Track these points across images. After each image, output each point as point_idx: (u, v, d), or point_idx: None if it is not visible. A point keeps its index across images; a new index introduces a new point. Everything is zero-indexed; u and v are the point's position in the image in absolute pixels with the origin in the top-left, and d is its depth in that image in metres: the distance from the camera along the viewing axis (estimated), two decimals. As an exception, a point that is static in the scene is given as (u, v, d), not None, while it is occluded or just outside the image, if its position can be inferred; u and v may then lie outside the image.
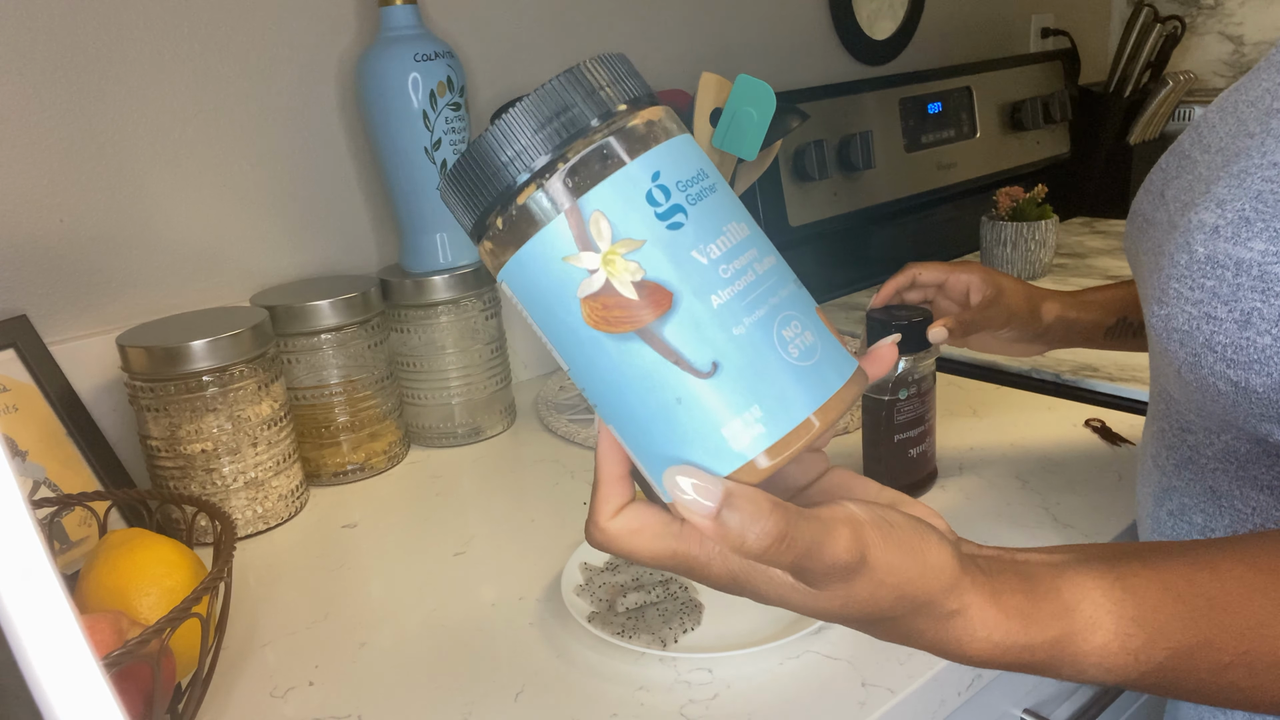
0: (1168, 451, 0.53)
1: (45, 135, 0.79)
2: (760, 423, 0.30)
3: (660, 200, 0.29)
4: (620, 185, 0.29)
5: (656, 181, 0.29)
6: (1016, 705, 0.70)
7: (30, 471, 0.73)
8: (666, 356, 0.29)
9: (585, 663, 0.59)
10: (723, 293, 0.29)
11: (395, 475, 0.89)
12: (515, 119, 0.29)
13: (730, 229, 0.30)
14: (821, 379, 0.31)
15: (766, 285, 0.31)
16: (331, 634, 0.65)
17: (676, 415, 0.30)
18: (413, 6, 0.86)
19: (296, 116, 0.92)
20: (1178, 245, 0.46)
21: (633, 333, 0.29)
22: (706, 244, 0.30)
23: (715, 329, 0.29)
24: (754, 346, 0.30)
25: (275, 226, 0.93)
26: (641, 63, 1.16)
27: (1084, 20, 1.79)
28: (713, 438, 0.30)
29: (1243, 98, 0.49)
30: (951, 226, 1.46)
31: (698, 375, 0.29)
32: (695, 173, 0.30)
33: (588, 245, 0.29)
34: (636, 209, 0.29)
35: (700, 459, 0.30)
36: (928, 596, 0.34)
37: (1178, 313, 0.45)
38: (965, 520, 0.72)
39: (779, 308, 0.31)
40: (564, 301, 0.30)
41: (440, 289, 0.90)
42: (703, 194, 0.30)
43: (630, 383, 0.30)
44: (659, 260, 0.29)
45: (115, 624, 0.51)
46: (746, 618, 0.62)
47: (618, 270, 0.29)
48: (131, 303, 0.85)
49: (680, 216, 0.29)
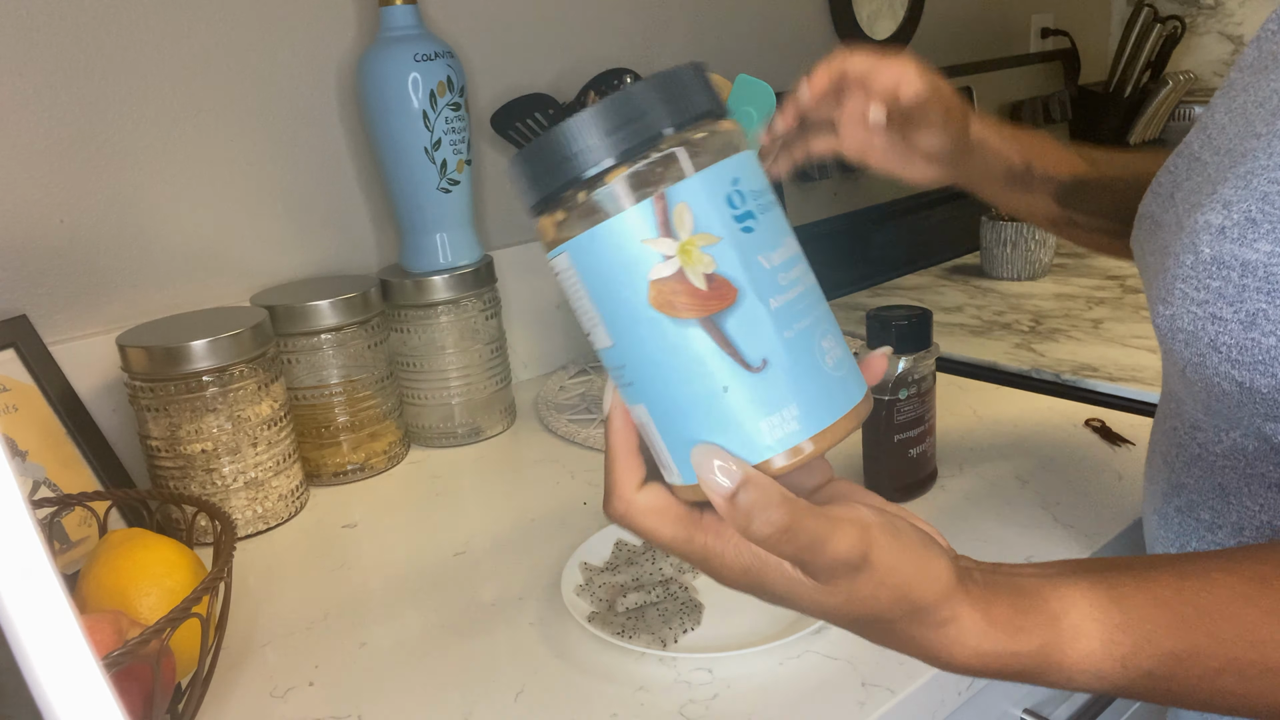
0: (1177, 449, 0.53)
1: (45, 135, 0.79)
2: (795, 420, 0.32)
3: (738, 204, 0.31)
4: (708, 183, 0.31)
5: (736, 186, 0.31)
6: (1016, 705, 0.70)
7: (30, 471, 0.73)
8: (723, 347, 0.31)
9: (585, 663, 0.59)
10: (779, 298, 0.32)
11: (395, 475, 0.89)
12: (623, 101, 0.30)
13: (786, 243, 0.33)
14: (846, 391, 0.33)
15: (811, 299, 0.33)
16: (331, 634, 0.65)
17: (720, 403, 0.32)
18: (413, 6, 0.86)
19: (296, 116, 0.92)
20: (1184, 246, 0.45)
21: (695, 320, 0.31)
22: (769, 252, 0.32)
23: (770, 329, 0.31)
24: (800, 351, 0.32)
25: (275, 226, 0.93)
26: (642, 63, 1.17)
27: (1084, 20, 1.79)
28: (747, 428, 0.32)
29: (1250, 98, 0.49)
30: (951, 226, 1.46)
31: (748, 369, 0.31)
32: (762, 186, 0.33)
33: (669, 232, 0.30)
34: (717, 208, 0.31)
35: (731, 446, 0.32)
36: (924, 602, 0.35)
37: (1182, 313, 0.45)
38: (965, 520, 0.72)
39: (820, 321, 0.33)
40: (632, 281, 0.31)
41: (440, 289, 0.90)
42: (768, 206, 0.32)
43: (680, 366, 0.32)
44: (731, 258, 0.31)
45: (115, 624, 0.51)
46: (746, 618, 0.62)
47: (693, 260, 0.31)
48: (131, 303, 0.85)
49: (752, 222, 0.31)
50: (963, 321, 1.17)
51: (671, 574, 0.66)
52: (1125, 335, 1.08)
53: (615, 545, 0.70)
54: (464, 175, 0.90)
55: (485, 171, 1.05)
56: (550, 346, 1.11)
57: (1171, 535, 0.54)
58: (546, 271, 1.10)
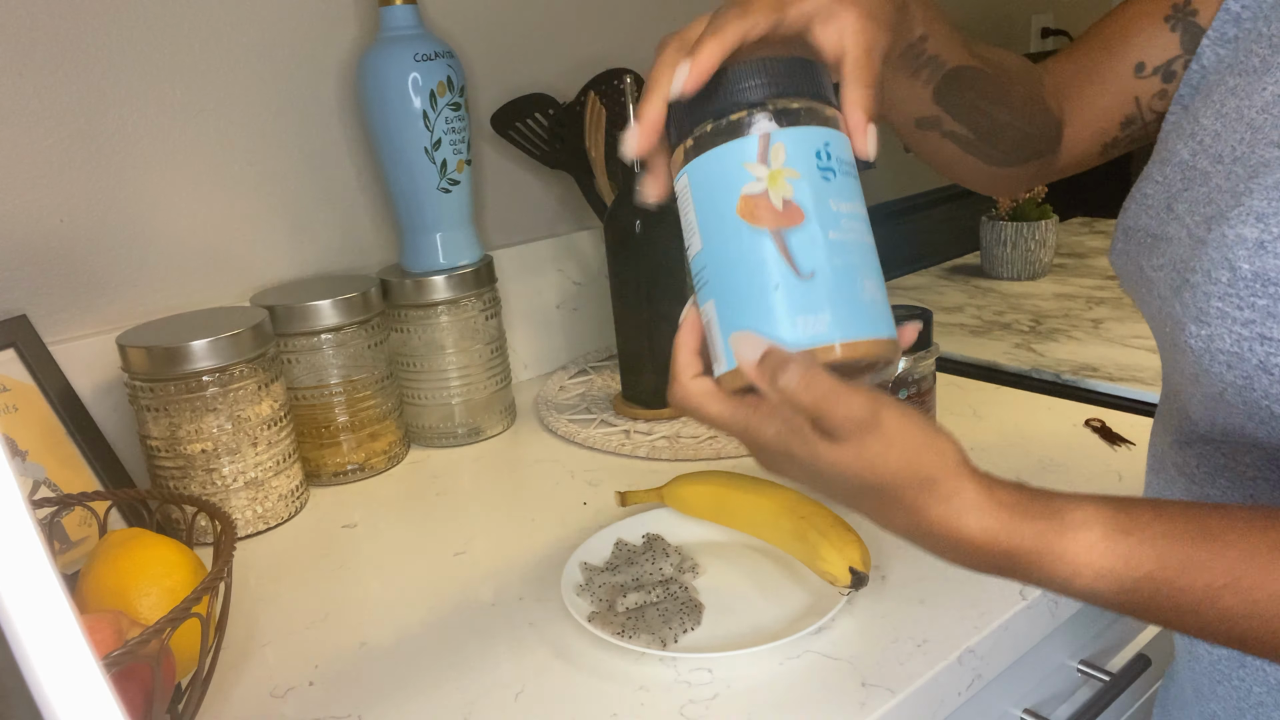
0: (1197, 459, 0.51)
1: (45, 135, 0.79)
2: (826, 325, 0.39)
3: (824, 159, 0.40)
4: (804, 135, 0.40)
5: (826, 147, 0.40)
6: (1016, 705, 0.70)
7: (30, 471, 0.73)
8: (783, 254, 0.39)
9: (585, 663, 0.59)
10: (836, 233, 0.39)
11: (395, 475, 0.89)
12: (768, 66, 0.40)
13: (854, 202, 0.41)
14: (874, 322, 0.40)
15: (863, 248, 0.41)
16: (331, 634, 0.65)
17: (770, 297, 0.39)
18: (413, 6, 0.86)
19: (296, 116, 0.92)
20: (1214, 262, 0.44)
21: (767, 230, 0.39)
22: (839, 200, 0.40)
23: (823, 252, 0.39)
24: (844, 276, 0.39)
25: (275, 226, 0.93)
26: (642, 63, 1.17)
27: (1084, 20, 1.79)
28: (786, 322, 0.39)
29: (1246, 103, 0.47)
30: (951, 226, 1.46)
31: (798, 275, 0.39)
32: (849, 159, 0.41)
33: (764, 161, 0.39)
34: (805, 155, 0.40)
35: (771, 334, 0.39)
36: (930, 472, 0.38)
37: (1224, 333, 0.43)
38: (965, 520, 0.72)
39: (866, 265, 0.41)
40: (729, 194, 0.40)
41: (440, 289, 0.90)
42: (848, 172, 0.41)
43: (748, 265, 0.40)
44: (806, 192, 0.39)
45: (115, 624, 0.51)
46: (746, 618, 0.62)
47: (777, 185, 0.39)
48: (131, 303, 0.85)
49: (830, 175, 0.40)
50: (963, 321, 1.17)
51: (671, 574, 0.66)
52: (1125, 335, 1.08)
53: (615, 545, 0.70)
54: (464, 175, 0.90)
55: (485, 171, 1.05)
56: (550, 346, 1.11)
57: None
58: (547, 271, 1.10)
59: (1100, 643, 0.77)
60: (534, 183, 1.10)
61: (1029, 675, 0.70)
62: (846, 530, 0.63)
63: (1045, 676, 0.72)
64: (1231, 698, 0.54)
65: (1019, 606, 0.61)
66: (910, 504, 0.39)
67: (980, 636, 0.59)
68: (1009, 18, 1.66)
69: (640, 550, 0.69)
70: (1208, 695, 0.56)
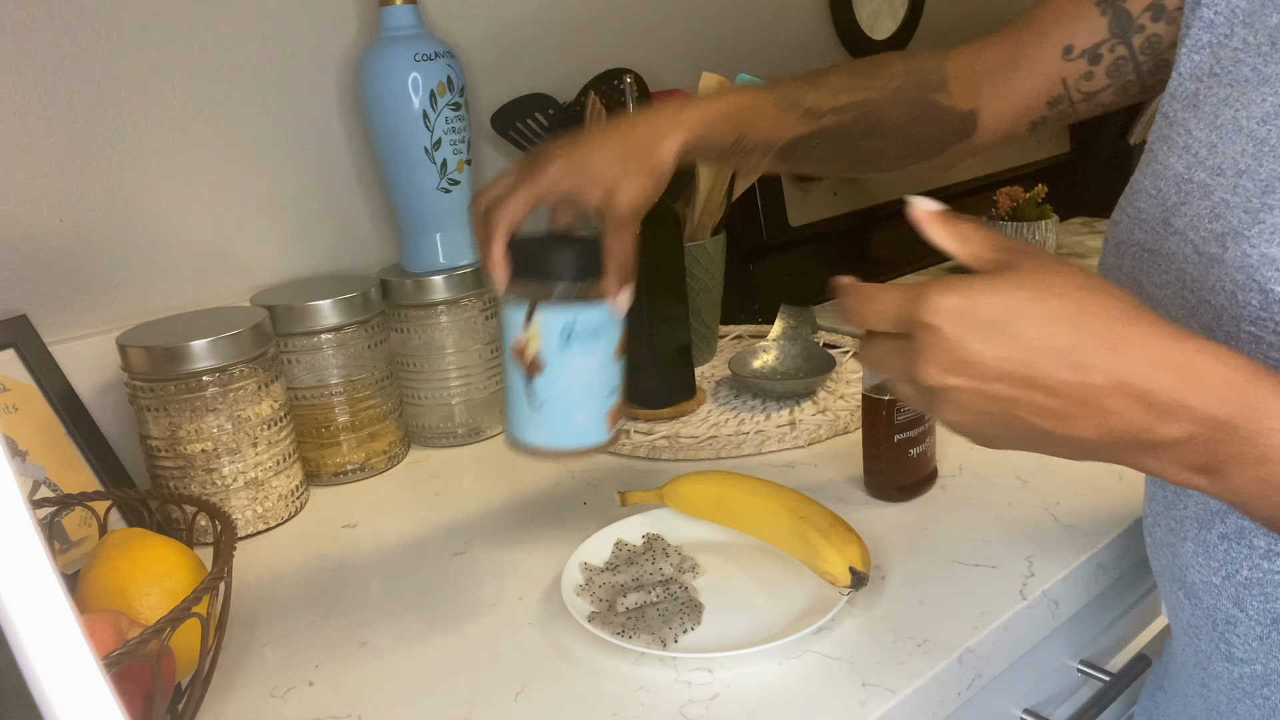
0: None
1: (45, 135, 0.79)
2: (544, 437, 0.59)
3: (566, 329, 0.56)
4: (556, 313, 0.56)
5: (572, 321, 0.56)
6: (1016, 705, 0.70)
7: (30, 471, 0.73)
8: (528, 388, 0.58)
9: (585, 663, 0.59)
10: (564, 381, 0.58)
11: (395, 475, 0.89)
12: (540, 260, 0.57)
13: (589, 359, 0.57)
14: (578, 437, 0.59)
15: (586, 388, 0.58)
16: (331, 634, 0.65)
17: (519, 410, 0.59)
18: (413, 6, 0.86)
19: (296, 116, 0.92)
20: (1238, 284, 0.43)
21: (522, 370, 0.58)
22: (574, 358, 0.57)
23: (553, 392, 0.58)
24: (563, 408, 0.58)
25: (275, 226, 0.93)
26: (642, 63, 1.17)
27: (1084, 20, 1.79)
28: (523, 428, 0.60)
29: (1244, 115, 0.47)
30: (951, 226, 1.46)
31: (533, 405, 0.59)
32: (595, 328, 0.57)
33: (526, 327, 0.57)
34: (554, 327, 0.56)
35: (514, 430, 0.60)
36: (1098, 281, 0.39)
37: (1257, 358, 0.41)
38: (965, 520, 0.72)
39: (586, 398, 0.59)
40: (510, 334, 0.58)
41: (440, 289, 0.90)
42: (592, 339, 0.57)
43: (512, 383, 0.59)
44: (549, 353, 0.57)
45: (115, 624, 0.51)
46: (746, 618, 0.62)
47: (531, 344, 0.57)
48: (131, 303, 0.85)
49: (569, 340, 0.57)
50: (963, 321, 1.17)
51: (671, 574, 0.66)
52: (1125, 335, 1.08)
53: (615, 545, 0.70)
54: (464, 175, 0.90)
55: (485, 171, 1.05)
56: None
57: (1216, 564, 0.51)
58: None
59: (1100, 643, 0.77)
60: (534, 183, 1.10)
61: (1029, 675, 0.70)
62: (846, 530, 0.63)
63: (1045, 676, 0.72)
64: (1254, 716, 0.53)
65: (1019, 606, 0.61)
66: (1100, 304, 0.37)
67: (980, 636, 0.59)
68: (1009, 18, 1.66)
69: (640, 550, 0.69)
70: (1225, 712, 0.55)
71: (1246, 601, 0.50)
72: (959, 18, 1.57)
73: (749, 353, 1.01)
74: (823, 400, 0.94)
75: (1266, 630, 0.50)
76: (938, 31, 1.53)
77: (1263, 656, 0.51)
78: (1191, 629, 0.56)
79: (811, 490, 0.77)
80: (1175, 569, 0.55)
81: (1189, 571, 0.54)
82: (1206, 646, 0.55)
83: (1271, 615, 0.49)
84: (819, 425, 0.88)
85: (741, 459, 0.85)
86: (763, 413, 0.93)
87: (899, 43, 1.47)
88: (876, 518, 0.73)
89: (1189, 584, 0.54)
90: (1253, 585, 0.50)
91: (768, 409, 0.94)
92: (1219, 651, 0.54)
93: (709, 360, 1.08)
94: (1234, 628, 0.52)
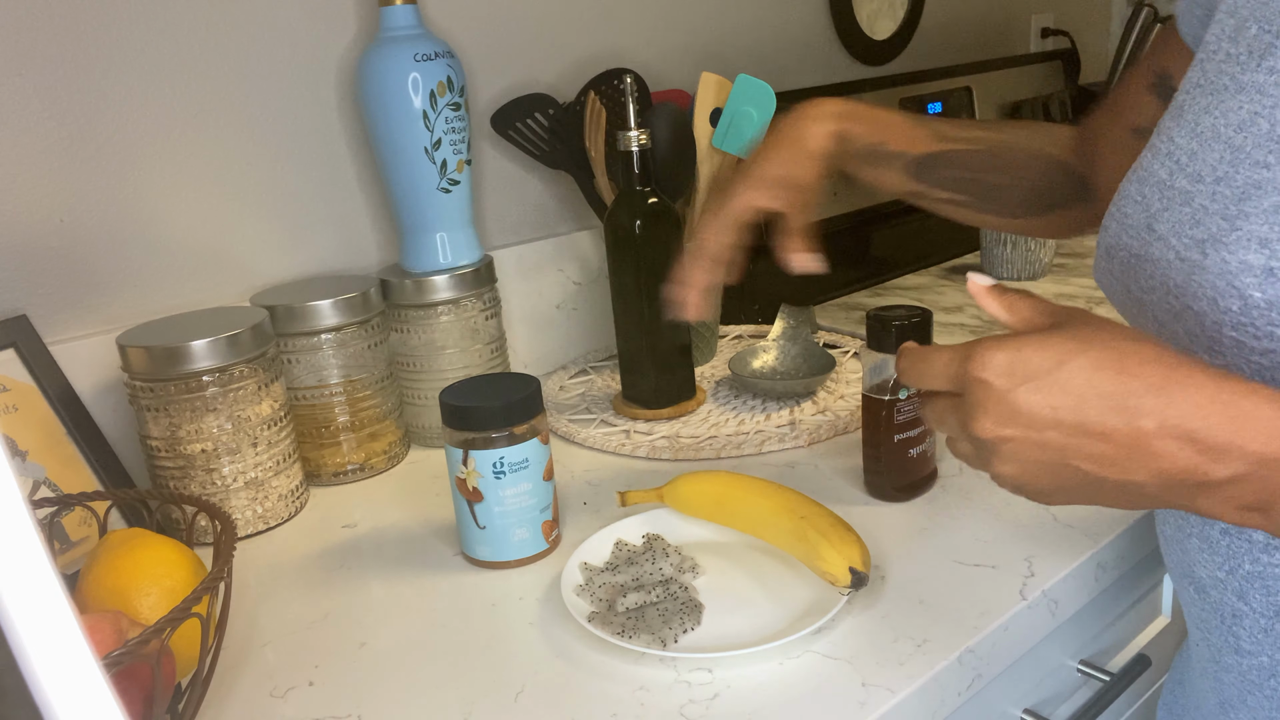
0: None
1: (45, 135, 0.79)
2: (489, 553, 0.71)
3: (499, 466, 0.68)
4: (488, 454, 0.68)
5: (501, 460, 0.68)
6: (1016, 705, 0.70)
7: (30, 471, 0.73)
8: (472, 514, 0.70)
9: (585, 663, 0.59)
10: (500, 508, 0.69)
11: (395, 475, 0.89)
12: (482, 413, 0.68)
13: (521, 487, 0.69)
14: (517, 550, 0.71)
15: (521, 511, 0.70)
16: (331, 634, 0.65)
17: (468, 531, 0.71)
18: (413, 6, 0.86)
19: (296, 116, 0.92)
20: (1219, 290, 0.43)
21: (464, 499, 0.70)
22: (507, 489, 0.69)
23: (492, 517, 0.70)
24: (503, 529, 0.70)
25: (275, 226, 0.93)
26: (642, 63, 1.17)
27: (1084, 20, 1.79)
28: (474, 546, 0.71)
29: (1222, 122, 0.47)
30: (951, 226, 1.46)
31: (479, 527, 0.70)
32: (522, 461, 0.69)
33: (464, 463, 0.69)
34: (487, 464, 0.68)
35: (469, 550, 0.72)
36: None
37: (1240, 364, 0.43)
38: (965, 520, 0.72)
39: (523, 519, 0.70)
40: (454, 470, 0.70)
41: (440, 289, 0.90)
42: (518, 470, 0.69)
43: (460, 509, 0.71)
44: (485, 485, 0.69)
45: (115, 624, 0.51)
46: (746, 618, 0.62)
47: (470, 478, 0.69)
48: (131, 303, 0.85)
49: (502, 475, 0.68)
50: (963, 321, 1.17)
51: (671, 574, 0.66)
52: (1125, 335, 1.08)
53: (615, 545, 0.70)
54: (464, 175, 0.90)
55: (485, 171, 1.05)
56: (550, 346, 1.11)
57: (1219, 559, 0.52)
58: (547, 271, 1.10)
59: (1100, 643, 0.77)
60: (534, 183, 1.10)
61: (1029, 675, 0.70)
62: (846, 530, 0.63)
63: (1045, 676, 0.72)
64: (1264, 707, 0.54)
65: (1019, 606, 0.61)
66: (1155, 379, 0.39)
67: (980, 636, 0.59)
68: (1009, 18, 1.66)
69: (640, 550, 0.69)
70: (1236, 705, 0.56)
71: (1250, 595, 0.51)
72: (959, 18, 1.57)
73: (749, 353, 1.01)
74: (823, 400, 0.94)
75: (1270, 622, 0.51)
76: (938, 31, 1.53)
77: (1269, 648, 0.52)
78: (1203, 623, 0.57)
79: (811, 490, 0.77)
80: (1184, 564, 0.56)
81: (1196, 567, 0.54)
82: (1217, 640, 0.55)
83: (1274, 608, 0.50)
84: (819, 425, 0.88)
85: (741, 459, 0.85)
86: (763, 413, 0.93)
87: (899, 43, 1.47)
88: (876, 518, 0.73)
89: (1197, 579, 0.55)
90: (1254, 579, 0.50)
91: (768, 409, 0.94)
92: (1228, 645, 0.54)
93: (709, 360, 1.08)
94: (1240, 621, 0.52)
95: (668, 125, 0.96)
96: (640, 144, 0.87)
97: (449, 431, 0.69)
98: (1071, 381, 0.40)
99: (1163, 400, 0.39)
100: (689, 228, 1.02)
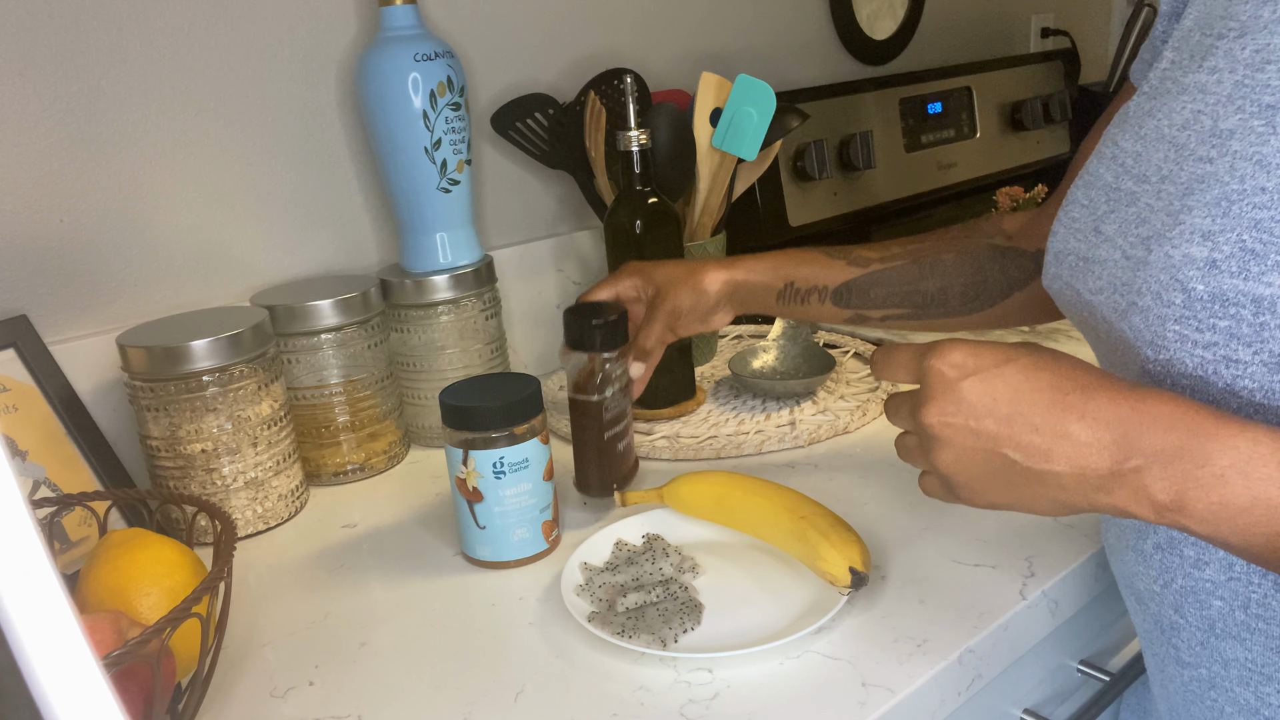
0: None
1: (45, 135, 0.79)
2: (489, 553, 0.70)
3: (499, 466, 0.68)
4: (487, 454, 0.68)
5: (501, 460, 0.68)
6: (1016, 705, 0.70)
7: (30, 471, 0.73)
8: (472, 512, 0.70)
9: (585, 663, 0.59)
10: (500, 508, 0.69)
11: (395, 475, 0.89)
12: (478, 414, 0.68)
13: (520, 487, 0.69)
14: (517, 550, 0.71)
15: (521, 510, 0.70)
16: (331, 634, 0.65)
17: (469, 532, 0.71)
18: (413, 6, 0.86)
19: (296, 116, 0.92)
20: (1163, 284, 0.44)
21: (464, 499, 0.70)
22: (506, 489, 0.69)
23: (492, 517, 0.69)
24: (502, 528, 0.70)
25: (275, 226, 0.93)
26: (642, 62, 1.17)
27: (1084, 20, 1.79)
28: (474, 546, 0.71)
29: (1166, 123, 0.48)
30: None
31: (479, 527, 0.70)
32: (522, 460, 0.69)
33: (464, 464, 0.69)
34: (486, 465, 0.68)
35: (469, 550, 0.72)
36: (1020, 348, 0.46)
37: (1183, 358, 0.43)
38: (965, 520, 0.72)
39: (522, 519, 0.70)
40: (454, 470, 0.70)
41: (440, 289, 0.90)
42: (518, 470, 0.69)
43: (461, 510, 0.71)
44: (485, 485, 0.69)
45: (115, 624, 0.51)
46: (746, 618, 0.62)
47: (470, 478, 0.69)
48: (131, 303, 0.85)
49: (502, 475, 0.68)
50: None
51: (671, 574, 0.66)
52: (1125, 335, 1.08)
53: (615, 545, 0.70)
54: (464, 175, 0.90)
55: (485, 171, 1.05)
56: (550, 346, 1.11)
57: (1154, 573, 0.53)
58: (547, 271, 1.10)
59: (1100, 643, 0.77)
60: (534, 183, 1.10)
61: (1029, 675, 0.70)
62: (846, 530, 0.63)
63: (1045, 676, 0.72)
64: (1205, 718, 0.54)
65: (1019, 606, 0.61)
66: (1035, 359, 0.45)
67: (980, 636, 0.59)
68: (1009, 18, 1.66)
69: (640, 550, 0.69)
70: (1181, 714, 0.57)
71: (1185, 608, 0.52)
72: (959, 18, 1.57)
73: (749, 353, 1.01)
74: (823, 400, 0.94)
75: (1205, 636, 0.51)
76: (938, 31, 1.53)
77: (1206, 660, 0.52)
78: (1146, 634, 0.58)
79: (811, 490, 0.77)
80: (1125, 575, 0.57)
81: (1135, 579, 0.55)
82: (1160, 650, 0.56)
83: (1208, 621, 0.51)
84: (819, 425, 0.88)
85: (741, 459, 0.85)
86: (763, 413, 0.93)
87: (899, 43, 1.47)
88: (877, 518, 0.73)
89: (1137, 591, 0.56)
90: (1188, 593, 0.51)
91: (768, 409, 0.94)
92: (1170, 656, 0.55)
93: (709, 360, 1.08)
94: (1178, 633, 0.53)
95: (668, 125, 0.96)
96: (640, 144, 0.87)
97: (449, 431, 0.69)
98: (1012, 377, 0.45)
99: (1085, 397, 0.43)
100: (689, 228, 1.02)
